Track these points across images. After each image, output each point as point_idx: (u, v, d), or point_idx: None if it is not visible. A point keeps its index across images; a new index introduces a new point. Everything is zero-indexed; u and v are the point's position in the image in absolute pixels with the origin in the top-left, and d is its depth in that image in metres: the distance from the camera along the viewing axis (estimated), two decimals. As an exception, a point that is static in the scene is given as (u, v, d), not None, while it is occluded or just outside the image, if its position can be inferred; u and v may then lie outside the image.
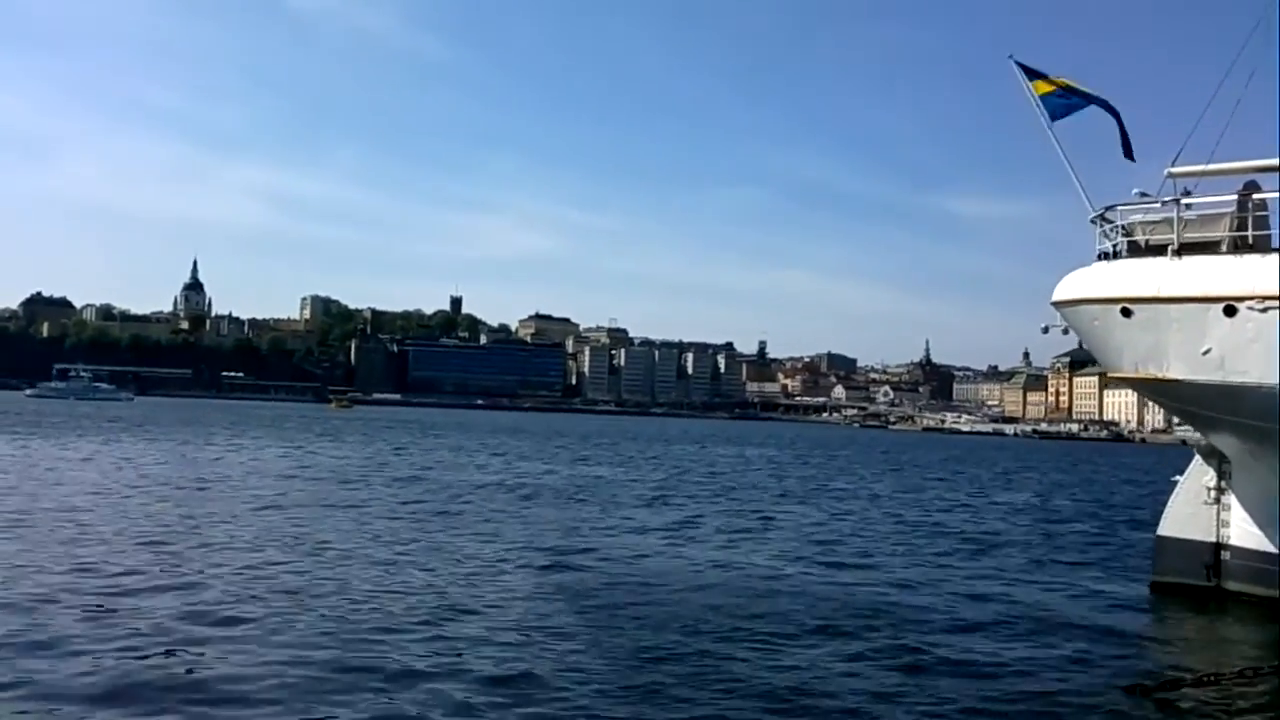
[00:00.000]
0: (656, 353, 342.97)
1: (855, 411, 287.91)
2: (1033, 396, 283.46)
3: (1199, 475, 18.18)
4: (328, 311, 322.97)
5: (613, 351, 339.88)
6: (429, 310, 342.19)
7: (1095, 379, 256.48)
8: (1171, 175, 17.13)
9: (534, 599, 15.71)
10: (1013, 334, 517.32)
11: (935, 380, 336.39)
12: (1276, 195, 15.92)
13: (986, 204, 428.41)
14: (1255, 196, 15.53)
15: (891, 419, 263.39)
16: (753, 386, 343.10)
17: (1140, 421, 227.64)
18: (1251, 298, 14.31)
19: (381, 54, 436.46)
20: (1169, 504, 18.71)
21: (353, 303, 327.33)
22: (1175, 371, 15.51)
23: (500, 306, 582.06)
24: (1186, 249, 15.83)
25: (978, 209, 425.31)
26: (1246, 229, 15.49)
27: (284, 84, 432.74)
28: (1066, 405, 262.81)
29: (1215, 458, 17.79)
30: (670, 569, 19.09)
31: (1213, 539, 17.85)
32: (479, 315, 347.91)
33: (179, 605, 14.01)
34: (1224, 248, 15.60)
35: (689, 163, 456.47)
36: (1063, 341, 19.98)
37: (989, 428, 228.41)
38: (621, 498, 33.45)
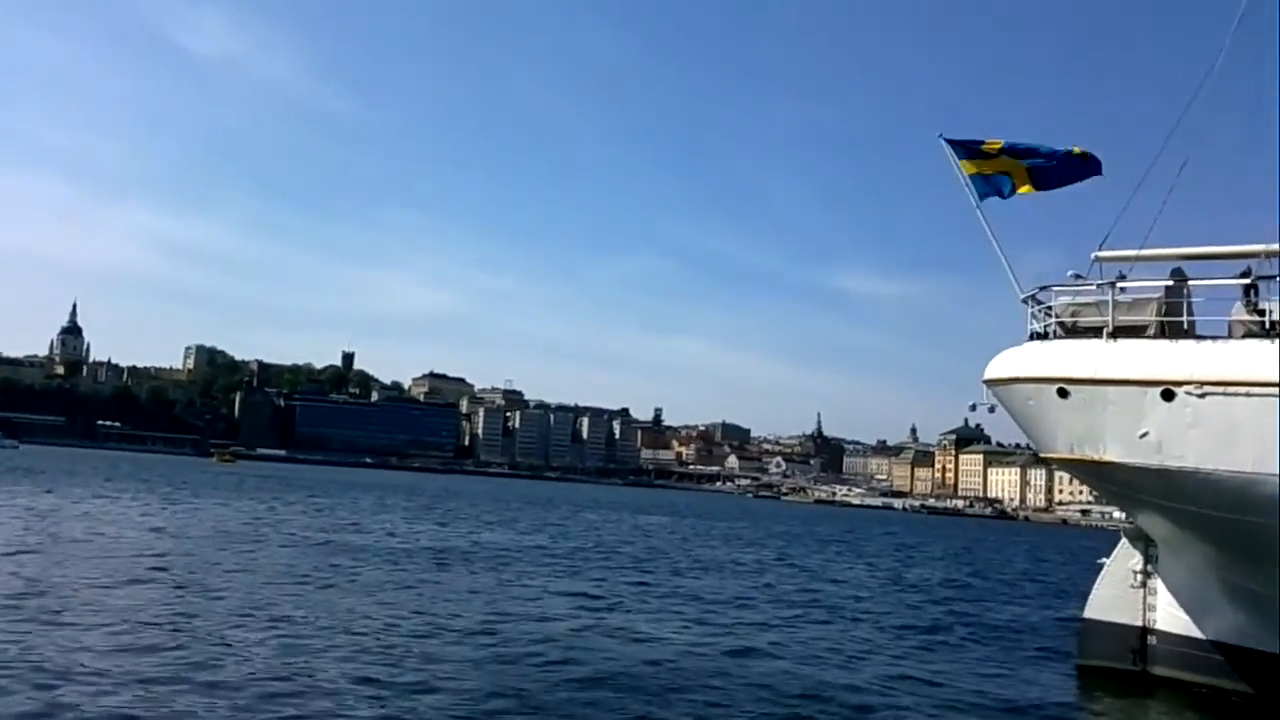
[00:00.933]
0: (552, 416, 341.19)
1: (749, 481, 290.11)
2: (920, 472, 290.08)
3: (1125, 559, 18.15)
4: (212, 362, 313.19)
5: (508, 413, 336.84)
6: (319, 365, 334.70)
7: (980, 456, 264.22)
8: (1099, 259, 17.35)
9: (470, 694, 14.19)
10: (901, 409, 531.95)
11: (826, 453, 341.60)
12: (1204, 283, 16.27)
13: (877, 282, 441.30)
14: (1192, 283, 15.73)
15: (784, 490, 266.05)
16: (647, 453, 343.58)
17: (1023, 500, 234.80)
18: (1190, 382, 14.37)
19: (281, 104, 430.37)
20: (1095, 587, 18.61)
21: (239, 354, 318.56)
22: (1111, 454, 15.45)
23: (394, 364, 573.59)
24: (1117, 332, 16.06)
25: (869, 287, 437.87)
26: (1178, 314, 15.71)
27: (178, 128, 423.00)
28: (952, 482, 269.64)
29: (1142, 541, 17.80)
30: (599, 650, 18.04)
31: (1139, 623, 17.81)
32: (371, 372, 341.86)
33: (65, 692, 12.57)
34: (1151, 332, 15.79)
35: (590, 228, 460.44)
36: (950, 419, 20.30)
37: (879, 501, 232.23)
38: (536, 567, 32.26)
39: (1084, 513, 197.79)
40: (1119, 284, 16.08)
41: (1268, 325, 14.47)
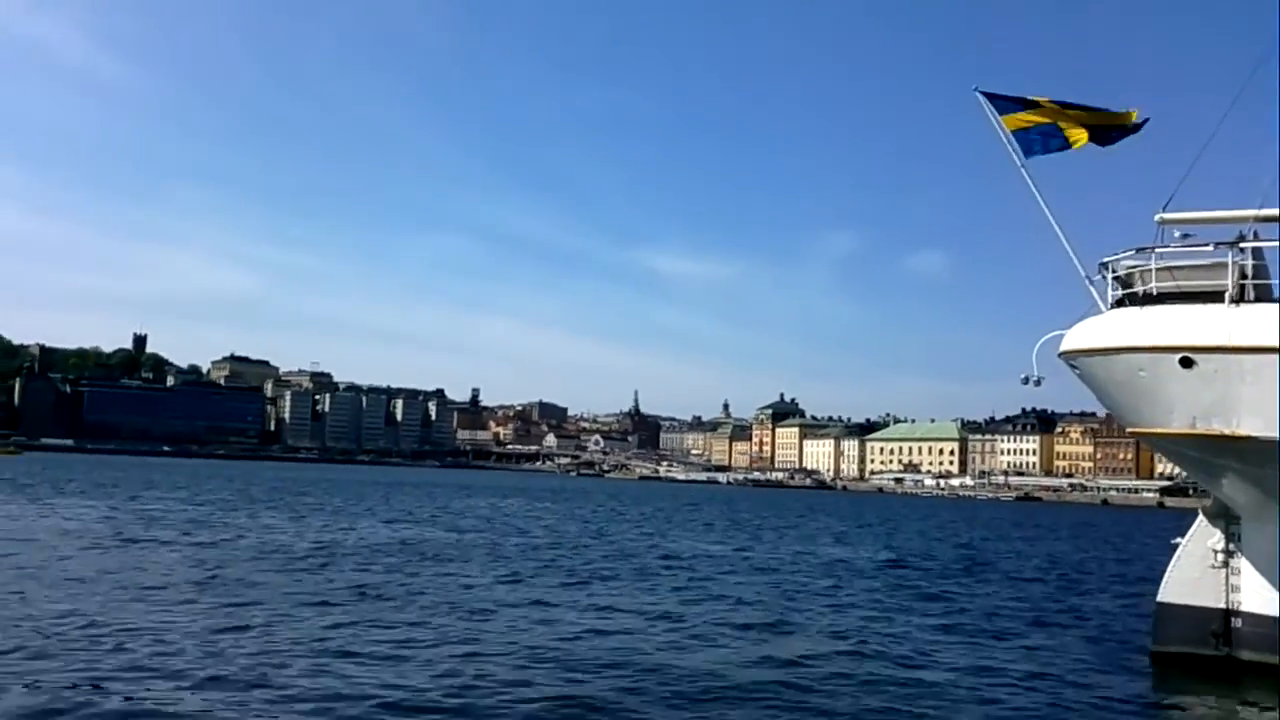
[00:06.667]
0: (364, 398, 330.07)
1: (568, 460, 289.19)
2: (739, 446, 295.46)
3: (1203, 538, 17.12)
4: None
5: (316, 396, 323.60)
6: (108, 349, 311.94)
7: (796, 429, 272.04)
8: (1163, 221, 16.24)
9: None
10: (713, 386, 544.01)
11: (644, 429, 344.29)
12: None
13: (687, 264, 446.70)
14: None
15: (606, 467, 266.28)
16: (464, 434, 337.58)
17: (837, 470, 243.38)
18: (1348, 348, 13.25)
19: (53, 69, 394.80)
20: (1170, 568, 17.53)
21: (18, 338, 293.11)
22: (1247, 428, 14.24)
23: (190, 347, 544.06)
24: (1169, 298, 15.07)
25: (680, 267, 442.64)
26: (1264, 277, 14.85)
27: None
28: (769, 454, 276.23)
29: (1223, 519, 16.83)
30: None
31: (1222, 605, 16.84)
32: (166, 355, 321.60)
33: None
34: (1232, 295, 14.72)
35: (396, 207, 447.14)
36: (761, 395, 18.77)
37: (704, 476, 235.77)
38: (527, 566, 29.30)
39: (897, 480, 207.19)
40: (1240, 245, 14.87)
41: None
